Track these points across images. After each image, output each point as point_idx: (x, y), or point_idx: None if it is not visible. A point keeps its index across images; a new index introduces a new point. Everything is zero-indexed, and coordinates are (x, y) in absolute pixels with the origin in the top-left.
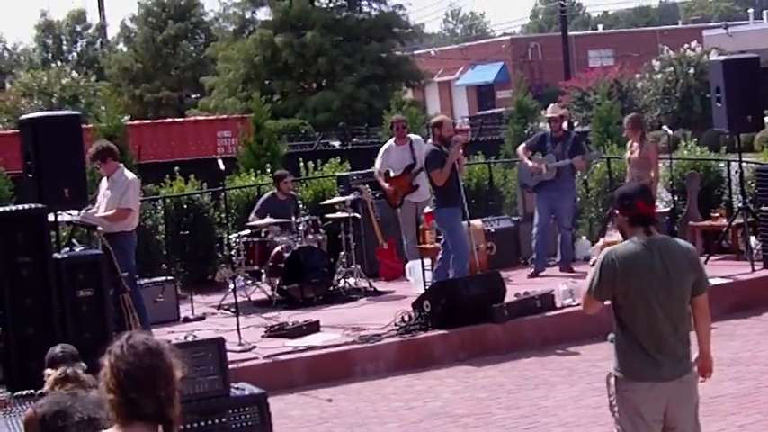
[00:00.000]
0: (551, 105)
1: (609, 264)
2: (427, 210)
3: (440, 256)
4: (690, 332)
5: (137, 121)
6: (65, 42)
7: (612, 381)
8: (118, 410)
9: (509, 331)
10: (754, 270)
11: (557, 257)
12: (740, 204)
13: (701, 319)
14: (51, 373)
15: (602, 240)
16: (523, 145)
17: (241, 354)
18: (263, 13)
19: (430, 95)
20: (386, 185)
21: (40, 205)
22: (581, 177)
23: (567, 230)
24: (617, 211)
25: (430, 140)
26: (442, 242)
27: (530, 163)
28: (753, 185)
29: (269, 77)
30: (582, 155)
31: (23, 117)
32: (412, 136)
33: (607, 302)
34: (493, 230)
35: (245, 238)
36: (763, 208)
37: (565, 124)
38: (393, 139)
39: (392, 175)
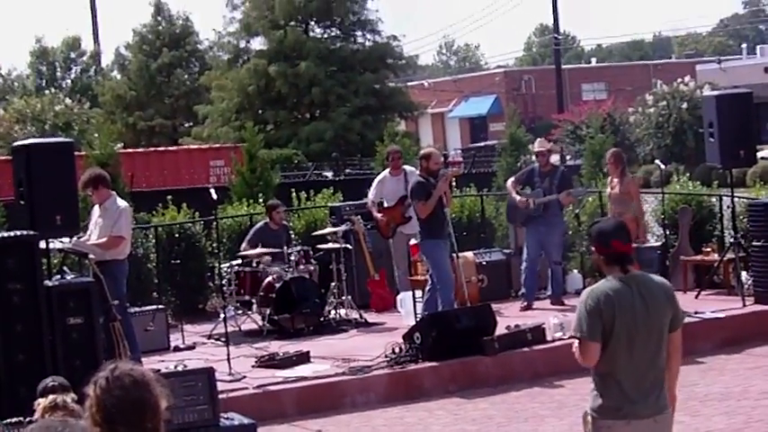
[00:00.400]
0: (539, 140)
1: (593, 302)
2: (413, 242)
3: (428, 288)
4: (665, 370)
5: (130, 149)
6: (59, 69)
7: (589, 419)
8: None
9: (499, 364)
10: (745, 305)
11: (548, 291)
12: (732, 239)
13: (674, 354)
14: (41, 402)
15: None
16: (512, 179)
17: (231, 384)
18: (258, 43)
19: (423, 127)
20: (378, 216)
21: (31, 232)
22: (573, 211)
23: (557, 265)
24: (594, 249)
25: (417, 172)
26: (429, 273)
27: (518, 197)
28: (744, 220)
29: (262, 107)
30: (569, 190)
31: (16, 143)
32: (407, 167)
33: None
34: (484, 263)
35: (237, 267)
36: (755, 243)
37: (555, 158)
38: (388, 170)
39: (385, 205)
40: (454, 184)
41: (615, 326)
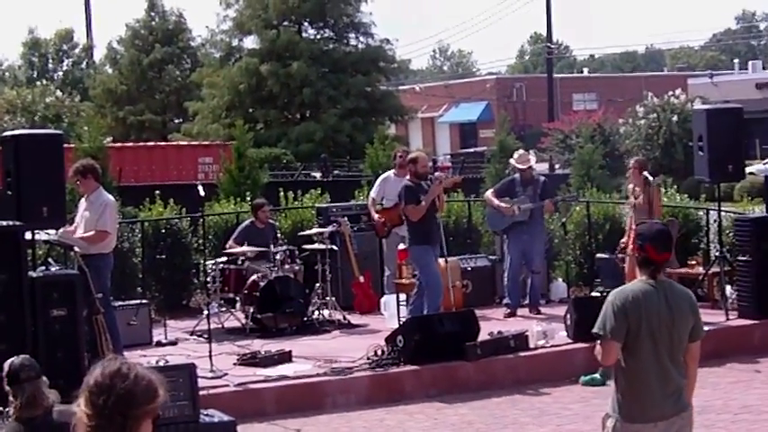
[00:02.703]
0: (520, 153)
1: (620, 302)
2: (401, 246)
3: (415, 292)
4: (684, 376)
5: (119, 143)
6: (51, 61)
7: (610, 422)
8: None
9: (481, 370)
10: (728, 319)
11: (526, 300)
12: (717, 253)
13: (692, 365)
14: (16, 396)
15: None
16: (491, 190)
17: (212, 381)
18: (251, 42)
19: (413, 131)
20: (375, 216)
21: (17, 223)
22: (559, 219)
23: (537, 273)
24: (635, 246)
25: (407, 176)
26: (417, 278)
27: (503, 204)
28: (731, 235)
29: (253, 105)
30: (550, 198)
31: (5, 134)
32: None
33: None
34: (469, 269)
35: (222, 265)
36: (740, 258)
37: (543, 166)
38: (392, 171)
39: (385, 205)
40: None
41: (641, 328)
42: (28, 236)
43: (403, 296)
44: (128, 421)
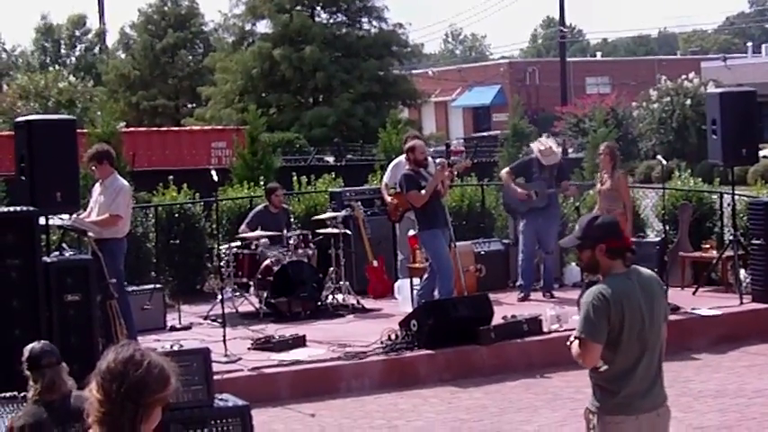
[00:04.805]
0: (544, 147)
1: (599, 303)
2: (411, 232)
3: (425, 276)
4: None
5: (132, 128)
6: (63, 46)
7: (593, 417)
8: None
9: (495, 354)
10: (742, 303)
11: (540, 283)
12: (731, 237)
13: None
14: (36, 380)
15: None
16: (507, 169)
17: (226, 365)
18: (263, 26)
19: (426, 115)
20: (389, 199)
21: (31, 208)
22: (573, 204)
23: (550, 254)
24: (603, 242)
25: (437, 160)
26: (429, 262)
27: (518, 190)
28: (744, 218)
29: (266, 90)
30: (567, 180)
31: (19, 119)
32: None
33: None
34: (483, 253)
35: (236, 249)
36: (754, 241)
37: (558, 151)
38: (404, 156)
39: (397, 190)
40: (456, 174)
41: (625, 323)
42: (42, 221)
43: (417, 280)
44: (139, 408)
